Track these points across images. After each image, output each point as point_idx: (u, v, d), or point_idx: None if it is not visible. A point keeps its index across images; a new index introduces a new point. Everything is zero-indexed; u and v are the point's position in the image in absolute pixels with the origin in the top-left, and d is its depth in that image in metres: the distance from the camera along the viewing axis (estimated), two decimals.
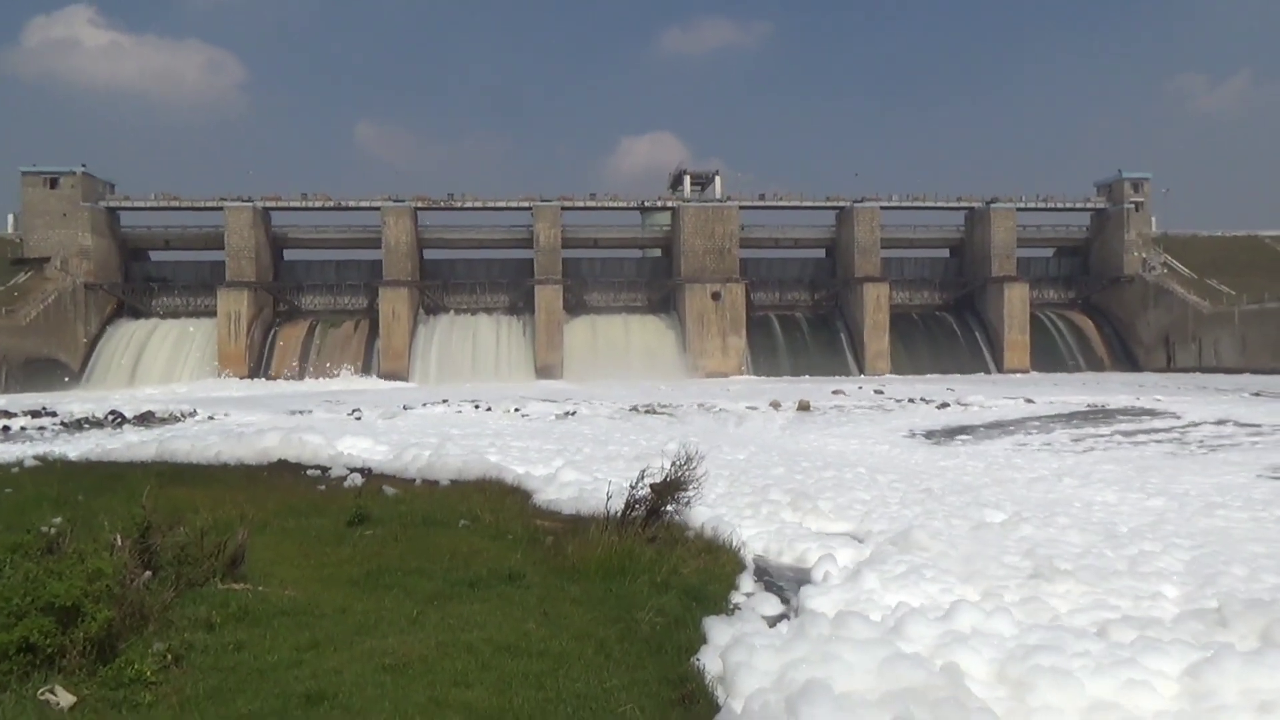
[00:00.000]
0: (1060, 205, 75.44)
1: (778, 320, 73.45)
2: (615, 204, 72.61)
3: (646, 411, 32.53)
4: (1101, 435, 22.70)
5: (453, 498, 11.20)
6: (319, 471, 14.03)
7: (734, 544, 8.92)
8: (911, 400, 36.48)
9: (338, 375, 65.25)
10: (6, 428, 28.87)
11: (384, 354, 67.14)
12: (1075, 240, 77.71)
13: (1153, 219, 75.15)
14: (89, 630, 4.96)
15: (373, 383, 63.35)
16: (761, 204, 73.56)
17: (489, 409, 33.70)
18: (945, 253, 78.74)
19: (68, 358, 63.78)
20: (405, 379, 65.54)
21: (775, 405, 33.92)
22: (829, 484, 13.27)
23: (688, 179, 76.93)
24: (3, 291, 62.19)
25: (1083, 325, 74.34)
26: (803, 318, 74.28)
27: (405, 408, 33.91)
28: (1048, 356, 71.33)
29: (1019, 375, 65.91)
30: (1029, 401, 34.50)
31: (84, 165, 67.21)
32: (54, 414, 32.37)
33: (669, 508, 8.88)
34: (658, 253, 79.28)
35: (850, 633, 5.90)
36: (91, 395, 48.46)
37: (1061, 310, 75.53)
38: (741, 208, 72.20)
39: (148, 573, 6.22)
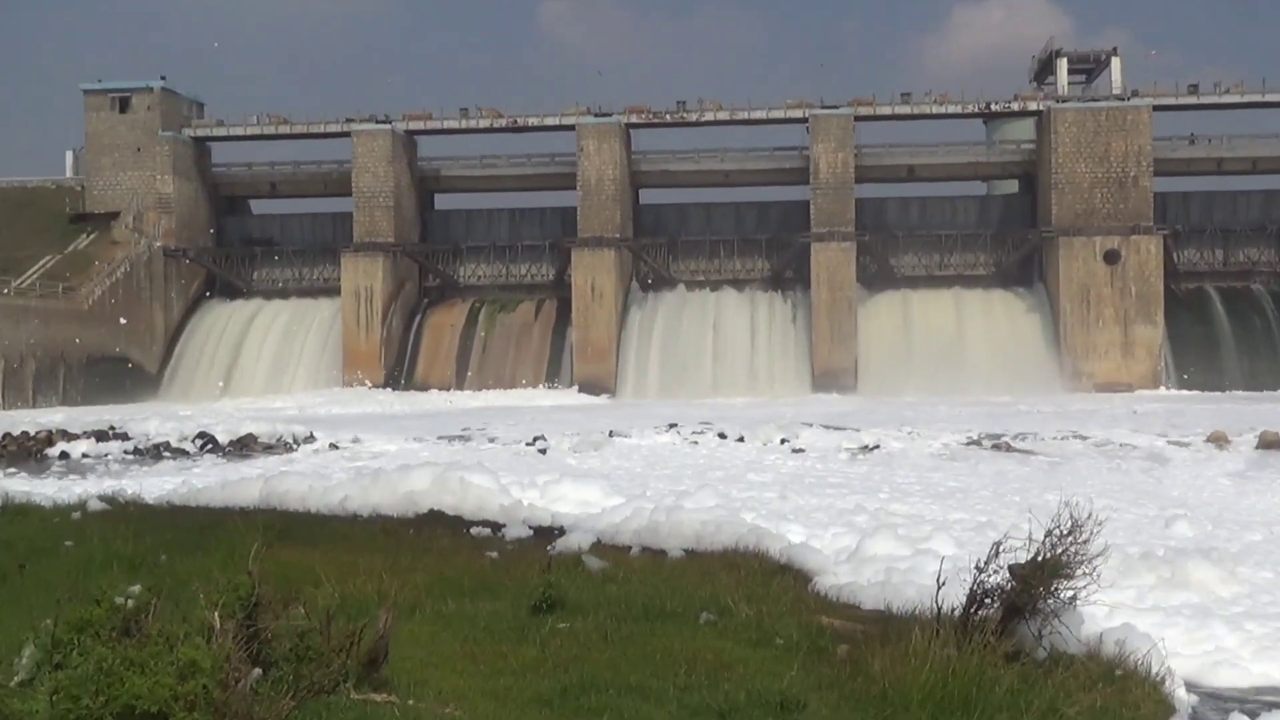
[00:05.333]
0: None
1: (1219, 297, 69.61)
2: (941, 109, 71.47)
3: (995, 447, 32.04)
4: None
5: (689, 577, 11.48)
6: (488, 530, 14.74)
7: (1153, 671, 8.55)
8: None
9: (511, 385, 68.46)
10: (65, 454, 32.57)
11: (579, 351, 69.63)
12: None
13: None
14: None
15: (562, 396, 65.82)
16: (1192, 101, 70.32)
17: (741, 439, 34.22)
18: None
19: (141, 355, 70.99)
20: (610, 391, 67.70)
21: (1218, 441, 32.10)
22: None
23: (1064, 65, 74.26)
24: (59, 261, 69.81)
25: None
26: (1265, 293, 69.92)
27: (612, 435, 35.07)
28: None
29: None
30: None
31: (164, 79, 74.43)
32: (124, 435, 35.98)
33: (1041, 605, 8.71)
34: (1013, 187, 77.01)
35: None
36: (172, 409, 53.17)
37: None
38: (1156, 108, 69.07)
39: (257, 670, 6.58)
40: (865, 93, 71.84)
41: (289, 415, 48.59)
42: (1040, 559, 8.68)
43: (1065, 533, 8.79)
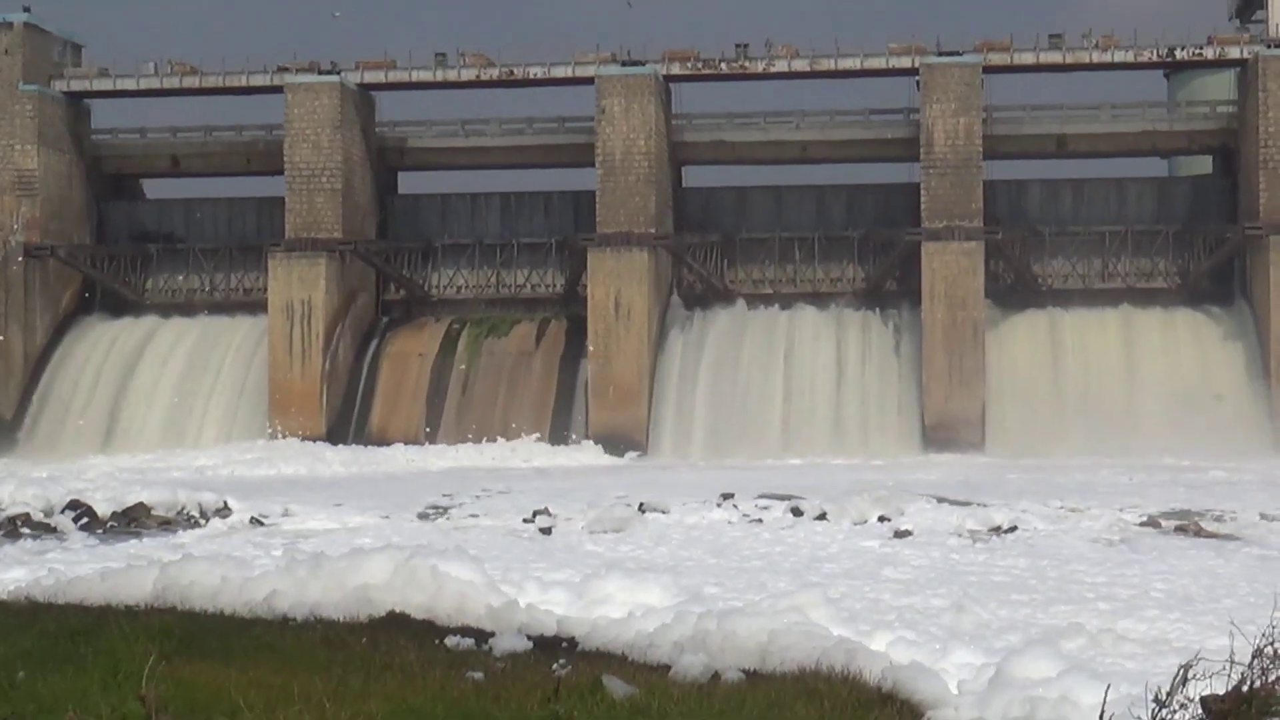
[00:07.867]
0: None
1: None
2: (1105, 57, 71.19)
3: (1180, 530, 32.14)
4: None
5: (751, 709, 11.48)
6: (470, 641, 14.80)
7: None
8: None
9: (503, 438, 68.52)
10: None
11: (597, 392, 69.61)
12: None
13: None
14: None
15: (574, 453, 66.03)
16: None
17: (821, 516, 34.43)
18: None
19: None
20: (639, 447, 67.87)
21: None
22: None
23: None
24: None
25: None
26: None
27: (642, 509, 35.32)
28: None
29: None
30: None
31: (27, 10, 74.64)
32: None
33: None
34: (1206, 166, 76.93)
35: None
36: (33, 469, 53.29)
37: None
38: None
39: None
40: (999, 34, 71.78)
41: (194, 478, 48.94)
42: (1245, 688, 8.61)
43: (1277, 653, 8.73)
